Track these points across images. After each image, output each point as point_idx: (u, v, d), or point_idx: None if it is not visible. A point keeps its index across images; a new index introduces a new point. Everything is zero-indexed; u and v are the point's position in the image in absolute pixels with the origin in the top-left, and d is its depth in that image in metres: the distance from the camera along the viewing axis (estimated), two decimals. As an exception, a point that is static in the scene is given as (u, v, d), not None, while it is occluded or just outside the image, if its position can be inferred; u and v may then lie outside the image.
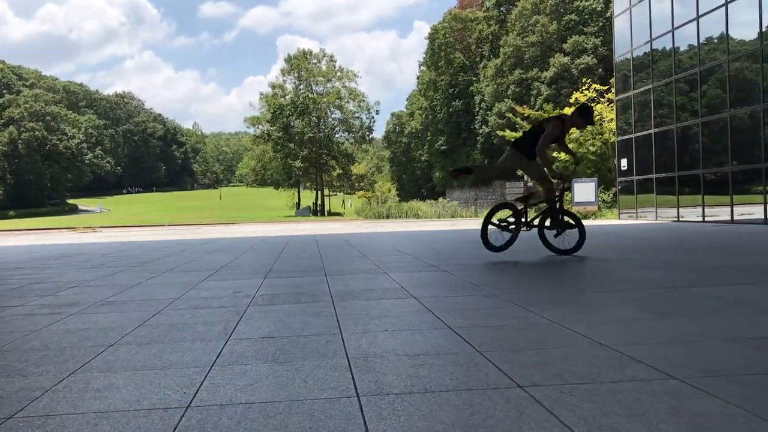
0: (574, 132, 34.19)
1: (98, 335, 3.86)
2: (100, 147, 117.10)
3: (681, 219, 21.96)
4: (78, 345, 3.59)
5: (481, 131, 57.02)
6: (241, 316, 4.37)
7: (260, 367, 2.95)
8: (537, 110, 40.55)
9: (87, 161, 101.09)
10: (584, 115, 8.10)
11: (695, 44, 21.55)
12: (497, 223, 8.52)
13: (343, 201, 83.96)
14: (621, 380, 2.55)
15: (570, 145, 36.20)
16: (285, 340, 3.54)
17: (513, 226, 8.41)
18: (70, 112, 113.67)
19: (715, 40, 20.93)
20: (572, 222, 8.45)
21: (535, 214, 8.71)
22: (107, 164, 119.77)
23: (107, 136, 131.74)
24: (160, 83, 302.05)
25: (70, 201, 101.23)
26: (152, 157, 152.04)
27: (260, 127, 74.16)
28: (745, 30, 19.64)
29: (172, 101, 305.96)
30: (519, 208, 8.48)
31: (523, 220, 8.42)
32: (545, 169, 8.27)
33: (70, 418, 2.30)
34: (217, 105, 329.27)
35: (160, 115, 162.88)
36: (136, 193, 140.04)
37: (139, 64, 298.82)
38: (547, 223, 8.40)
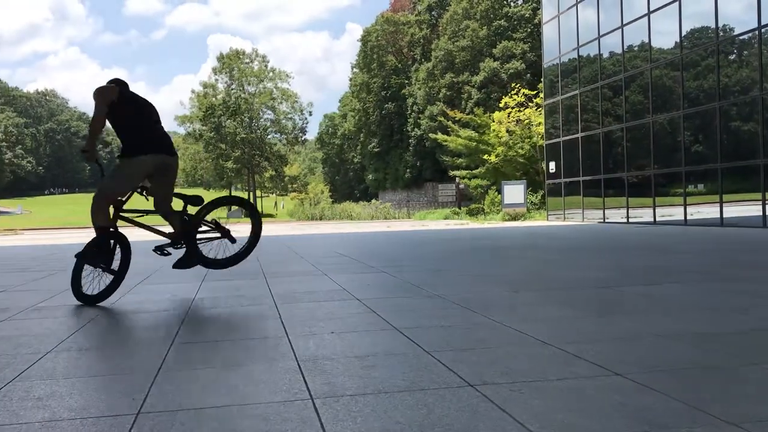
0: (504, 135, 34.67)
1: (32, 342, 3.72)
2: (20, 146, 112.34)
3: (606, 220, 22.70)
4: (12, 353, 3.45)
5: (413, 134, 57.48)
6: (183, 321, 4.29)
7: (209, 372, 2.91)
8: (468, 113, 41.15)
9: (6, 161, 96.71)
10: None
11: (619, 52, 22.35)
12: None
13: (276, 202, 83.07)
14: (567, 377, 2.64)
15: (500, 149, 36.66)
16: (231, 344, 3.50)
17: None
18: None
19: (637, 48, 21.77)
20: None
21: None
22: (28, 164, 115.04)
23: (28, 135, 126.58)
24: (85, 81, 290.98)
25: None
26: (76, 157, 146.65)
27: (191, 125, 72.63)
28: (665, 39, 20.48)
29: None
30: None
31: None
32: None
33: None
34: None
35: (84, 113, 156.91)
36: (59, 194, 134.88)
37: (63, 61, 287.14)
38: None
